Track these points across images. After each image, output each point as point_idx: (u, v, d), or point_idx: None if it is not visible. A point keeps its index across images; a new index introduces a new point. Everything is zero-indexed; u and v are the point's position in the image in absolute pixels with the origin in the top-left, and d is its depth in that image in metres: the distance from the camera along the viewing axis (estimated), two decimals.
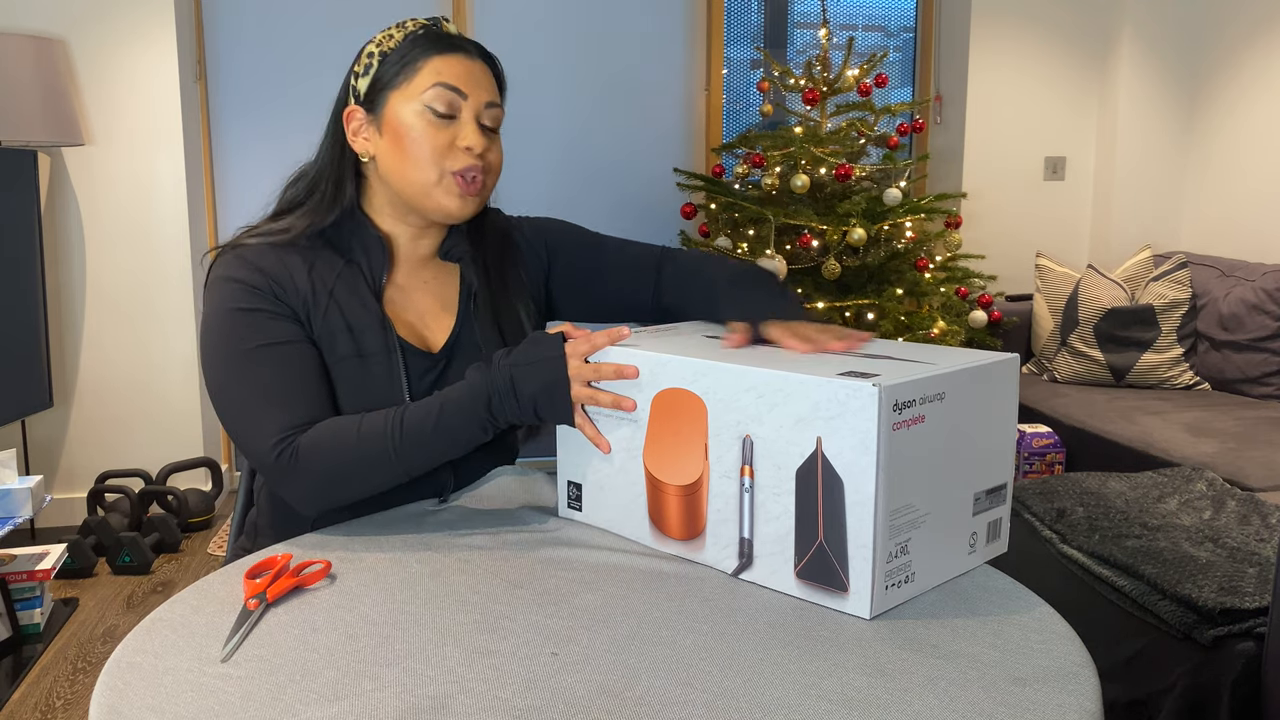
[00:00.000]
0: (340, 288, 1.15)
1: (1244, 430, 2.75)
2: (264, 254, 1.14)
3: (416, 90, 1.13)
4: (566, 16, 3.68)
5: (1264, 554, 1.73)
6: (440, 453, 1.06)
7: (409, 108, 1.13)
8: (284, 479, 1.05)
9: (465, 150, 1.14)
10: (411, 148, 1.13)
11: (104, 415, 3.20)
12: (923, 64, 4.06)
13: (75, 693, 2.15)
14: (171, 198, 3.15)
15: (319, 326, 1.13)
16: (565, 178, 3.77)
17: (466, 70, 1.15)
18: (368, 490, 1.07)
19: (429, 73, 1.13)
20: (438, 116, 1.13)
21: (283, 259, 1.14)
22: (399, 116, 1.14)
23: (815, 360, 0.92)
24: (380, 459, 1.04)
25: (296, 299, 1.13)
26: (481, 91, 1.15)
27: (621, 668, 0.77)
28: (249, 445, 1.06)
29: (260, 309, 1.11)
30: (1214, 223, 3.77)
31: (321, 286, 1.14)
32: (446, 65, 1.14)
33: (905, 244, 3.26)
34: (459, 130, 1.14)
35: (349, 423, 1.06)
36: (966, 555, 0.95)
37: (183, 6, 3.20)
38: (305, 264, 1.15)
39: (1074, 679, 0.76)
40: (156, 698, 0.74)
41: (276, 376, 1.08)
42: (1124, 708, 1.62)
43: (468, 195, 1.15)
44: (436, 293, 1.24)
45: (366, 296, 1.16)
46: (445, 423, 1.04)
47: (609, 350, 1.02)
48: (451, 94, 1.13)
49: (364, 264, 1.18)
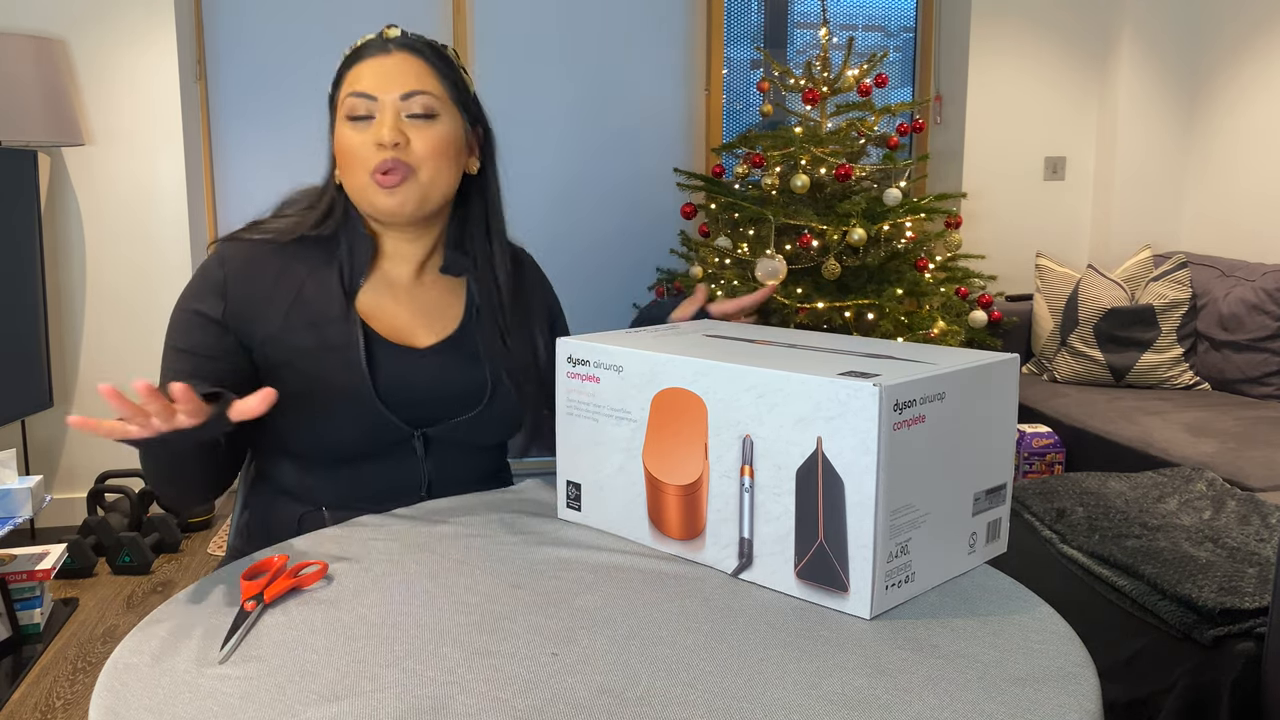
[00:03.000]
0: (310, 283, 1.19)
1: (1244, 430, 2.75)
2: (240, 249, 1.19)
3: (341, 108, 1.18)
4: (566, 16, 3.68)
5: (1264, 554, 1.73)
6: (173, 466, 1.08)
7: (340, 124, 1.18)
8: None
9: (377, 147, 1.15)
10: (342, 159, 1.18)
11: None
12: (923, 64, 4.06)
13: (75, 693, 2.15)
14: (171, 198, 3.15)
15: (280, 325, 1.16)
16: (565, 177, 3.77)
17: (377, 70, 1.17)
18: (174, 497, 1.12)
19: (346, 87, 1.18)
20: (355, 121, 1.16)
21: (258, 257, 1.18)
22: (337, 136, 1.19)
23: (816, 360, 0.92)
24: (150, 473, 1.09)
25: (246, 302, 1.16)
26: (394, 85, 1.16)
27: (622, 668, 0.77)
28: None
29: (198, 313, 1.16)
30: (1214, 223, 3.77)
31: (290, 284, 1.18)
32: (358, 73, 1.17)
33: (905, 244, 3.26)
34: (373, 130, 1.16)
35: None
36: (966, 555, 0.95)
37: (183, 6, 3.20)
38: (279, 262, 1.19)
39: (1074, 679, 0.76)
40: (155, 699, 0.73)
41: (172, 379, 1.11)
42: (1124, 708, 1.62)
43: (392, 189, 1.16)
44: (432, 298, 1.25)
45: (334, 290, 1.19)
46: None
47: (606, 349, 1.02)
48: (360, 99, 1.16)
49: (345, 262, 1.21)
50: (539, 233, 3.70)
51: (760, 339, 1.06)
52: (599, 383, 1.04)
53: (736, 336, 1.07)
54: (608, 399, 1.03)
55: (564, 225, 3.78)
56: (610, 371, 1.02)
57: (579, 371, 1.06)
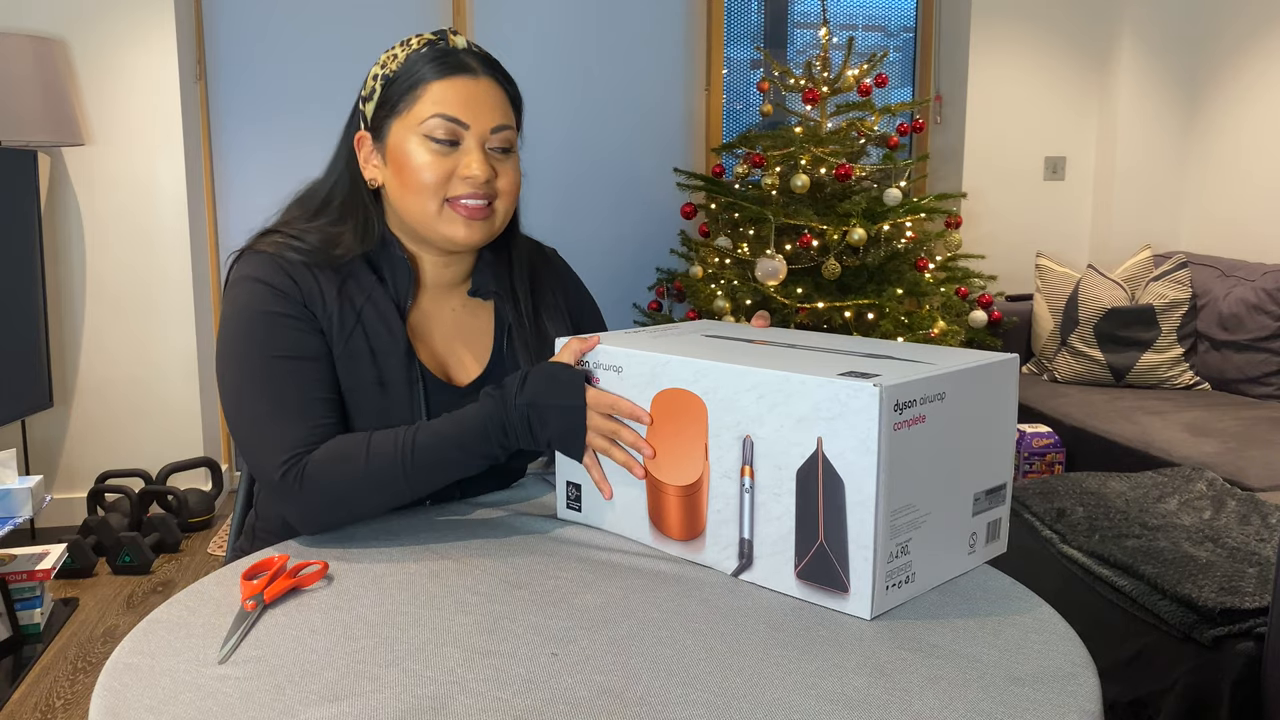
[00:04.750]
0: (368, 310, 1.12)
1: (1244, 430, 2.75)
2: (296, 265, 1.11)
3: (416, 119, 1.10)
4: (566, 16, 3.68)
5: (1264, 554, 1.73)
6: (449, 477, 1.05)
7: (410, 137, 1.10)
8: (288, 498, 1.03)
9: (463, 178, 1.10)
10: (412, 178, 1.10)
11: (104, 415, 3.20)
12: (923, 64, 4.06)
13: (75, 693, 2.15)
14: (171, 198, 3.15)
15: (341, 349, 1.10)
16: (565, 178, 3.77)
17: (469, 95, 1.10)
18: (370, 513, 1.06)
19: (429, 101, 1.09)
20: (438, 144, 1.09)
21: (315, 273, 1.11)
22: (400, 145, 1.11)
23: (816, 360, 0.92)
24: (388, 483, 1.03)
25: (324, 317, 1.10)
26: (486, 116, 1.10)
27: (622, 668, 0.77)
28: (255, 458, 1.04)
29: (288, 316, 1.08)
30: (1214, 223, 3.77)
31: (349, 307, 1.11)
32: (447, 91, 1.09)
33: (905, 244, 3.26)
34: (461, 159, 1.10)
35: (357, 444, 1.03)
36: (966, 555, 0.95)
37: (183, 6, 3.20)
38: (336, 281, 1.12)
39: (1074, 679, 0.76)
40: (155, 699, 0.73)
41: (293, 391, 1.05)
42: (1124, 708, 1.62)
43: (472, 221, 1.12)
44: (465, 324, 1.21)
45: (393, 321, 1.13)
46: (458, 451, 1.03)
47: (606, 349, 1.02)
48: (448, 123, 1.09)
49: (390, 286, 1.15)
50: (538, 232, 3.67)
51: (760, 339, 1.05)
52: (599, 383, 1.04)
53: (736, 337, 1.07)
54: None
55: (564, 225, 3.77)
56: (610, 372, 1.02)
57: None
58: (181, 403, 3.24)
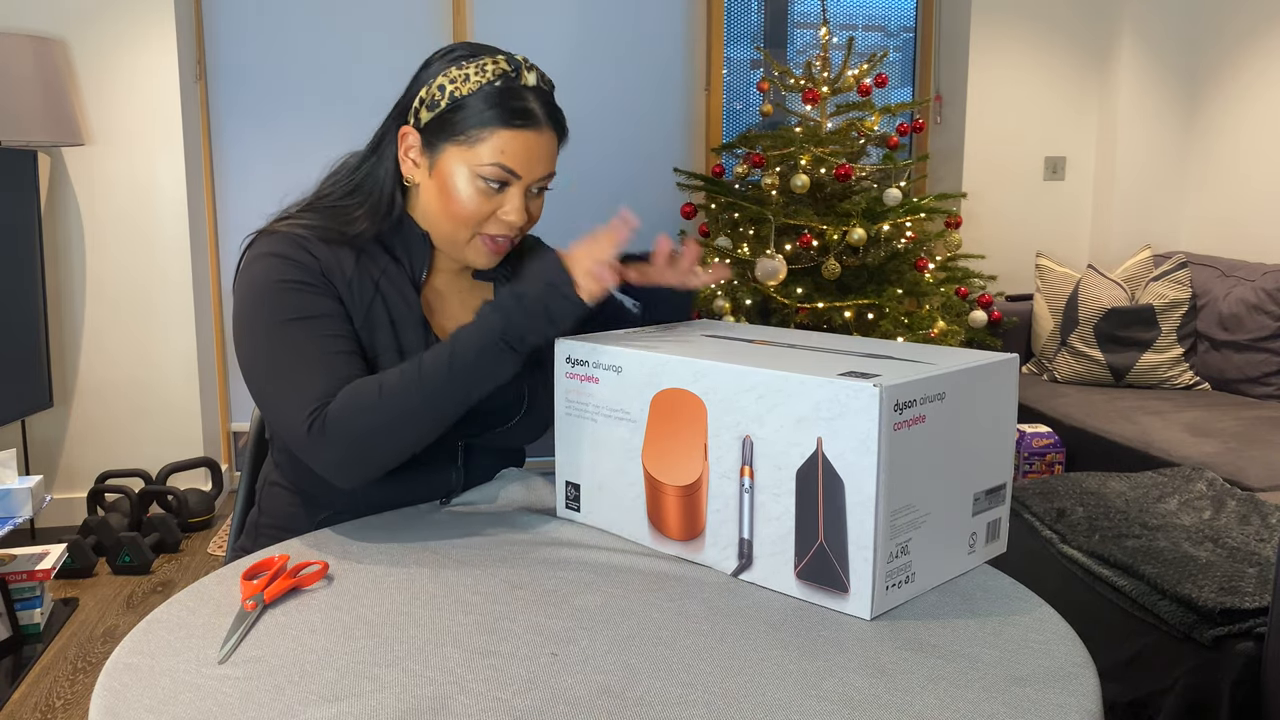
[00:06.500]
0: (385, 283, 1.16)
1: (1244, 430, 2.75)
2: (313, 241, 1.13)
3: (475, 158, 1.12)
4: (566, 16, 3.68)
5: (1264, 554, 1.73)
6: (464, 390, 1.05)
7: (463, 169, 1.13)
8: (316, 449, 1.03)
9: (504, 223, 1.15)
10: (452, 205, 1.14)
11: (104, 415, 3.20)
12: (923, 64, 4.06)
13: (75, 693, 2.15)
14: (171, 198, 3.15)
15: (361, 320, 1.13)
16: (565, 177, 3.77)
17: (530, 150, 1.13)
18: (401, 448, 1.05)
19: (492, 149, 1.11)
20: (486, 183, 1.13)
21: (332, 249, 1.14)
22: (451, 170, 1.13)
23: (816, 360, 0.92)
24: (407, 410, 1.03)
25: (343, 286, 1.13)
26: (538, 169, 1.14)
27: (621, 668, 0.77)
28: (280, 418, 1.05)
29: (305, 283, 1.10)
30: (1214, 223, 3.77)
31: (368, 279, 1.15)
32: (512, 144, 1.12)
33: (905, 244, 3.26)
34: (505, 203, 1.14)
35: (369, 382, 1.04)
36: (966, 555, 0.95)
37: (183, 6, 3.20)
38: (353, 254, 1.15)
39: (1074, 679, 0.76)
40: (155, 699, 0.73)
41: (311, 347, 1.06)
42: (1124, 708, 1.62)
43: (495, 254, 1.18)
44: (474, 304, 1.25)
45: (409, 293, 1.17)
46: (462, 358, 1.04)
47: (606, 349, 1.02)
48: (502, 171, 1.12)
49: (406, 261, 1.19)
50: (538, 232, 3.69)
51: (760, 339, 1.06)
52: (598, 383, 1.04)
53: (736, 337, 1.07)
54: (607, 399, 1.03)
55: (563, 225, 3.77)
56: (609, 372, 1.03)
57: (578, 372, 1.06)
58: (181, 403, 3.24)
